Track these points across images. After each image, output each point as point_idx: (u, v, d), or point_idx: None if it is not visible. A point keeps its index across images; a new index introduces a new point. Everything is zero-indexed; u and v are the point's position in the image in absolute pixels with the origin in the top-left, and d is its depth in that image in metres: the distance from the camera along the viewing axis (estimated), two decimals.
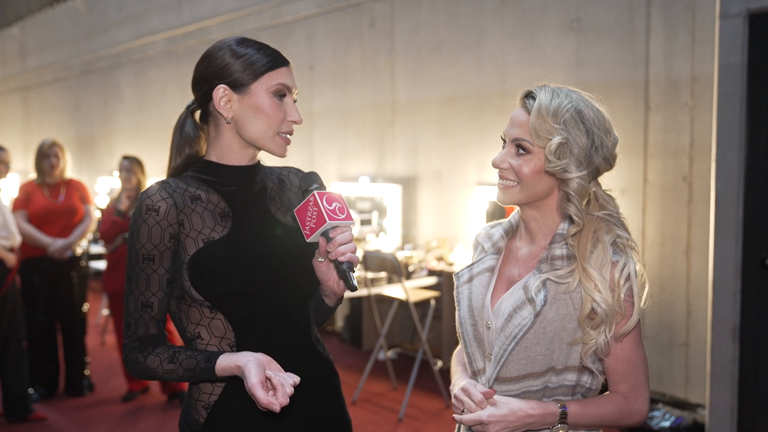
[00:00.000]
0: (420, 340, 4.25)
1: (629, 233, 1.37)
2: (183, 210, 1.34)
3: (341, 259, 1.31)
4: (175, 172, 1.43)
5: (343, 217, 1.32)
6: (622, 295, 1.29)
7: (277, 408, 1.18)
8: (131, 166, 4.39)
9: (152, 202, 1.32)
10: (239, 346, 1.36)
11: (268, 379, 1.21)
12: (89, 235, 4.98)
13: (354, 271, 1.33)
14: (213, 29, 6.91)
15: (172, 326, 3.60)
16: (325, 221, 1.30)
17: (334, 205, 1.32)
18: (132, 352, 1.35)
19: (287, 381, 1.21)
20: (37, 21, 10.33)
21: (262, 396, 1.18)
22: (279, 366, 1.25)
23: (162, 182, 1.37)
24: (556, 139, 1.29)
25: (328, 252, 1.32)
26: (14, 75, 11.21)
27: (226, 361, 1.27)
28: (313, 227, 1.32)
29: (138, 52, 8.19)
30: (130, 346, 1.36)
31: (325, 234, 1.32)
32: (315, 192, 1.33)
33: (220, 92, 1.35)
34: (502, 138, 1.41)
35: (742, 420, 3.23)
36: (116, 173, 4.52)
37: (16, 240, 3.96)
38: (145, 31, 7.99)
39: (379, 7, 5.48)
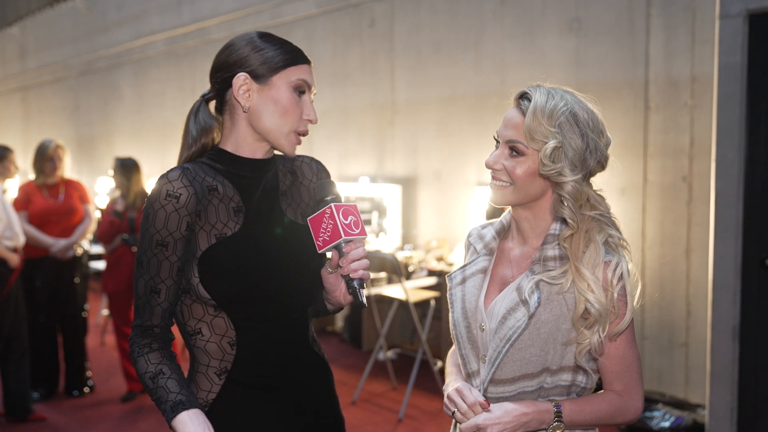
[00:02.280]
0: (420, 340, 4.25)
1: (620, 232, 1.37)
2: (201, 201, 1.33)
3: (353, 275, 1.31)
4: (190, 158, 1.40)
5: (357, 231, 1.31)
6: (615, 295, 1.30)
7: None
8: (114, 170, 4.38)
9: (173, 188, 1.30)
10: (239, 345, 1.36)
11: None
12: (89, 236, 4.98)
13: (364, 287, 1.33)
14: (213, 29, 6.91)
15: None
16: (340, 236, 1.28)
17: (349, 219, 1.30)
18: (134, 337, 1.36)
19: None
20: (37, 21, 10.33)
21: None
22: None
23: (182, 168, 1.34)
24: (551, 143, 1.29)
25: (340, 266, 1.31)
26: (14, 75, 11.21)
27: (181, 425, 1.25)
28: (327, 240, 1.30)
29: (138, 52, 8.19)
30: (135, 330, 1.36)
31: (338, 247, 1.31)
32: (332, 204, 1.30)
33: (241, 80, 1.33)
34: (495, 138, 1.40)
35: (742, 420, 3.23)
36: (111, 172, 4.51)
37: (20, 240, 3.96)
38: (144, 32, 7.99)
39: (378, 7, 5.48)
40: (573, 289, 1.30)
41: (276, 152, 1.47)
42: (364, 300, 1.31)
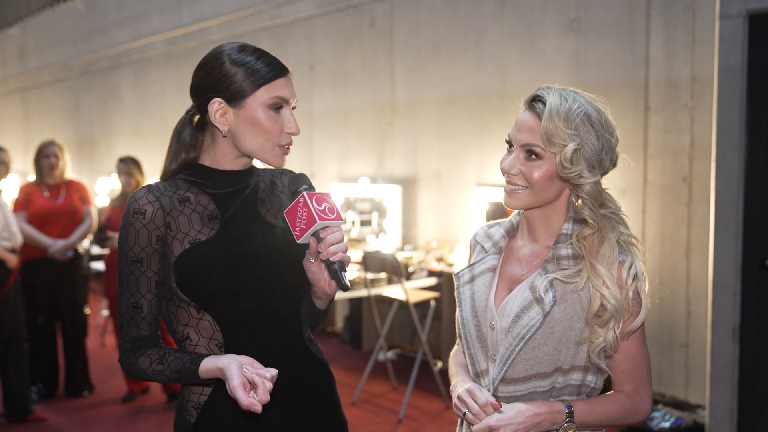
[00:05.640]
0: (420, 340, 4.25)
1: (630, 230, 1.37)
2: (170, 212, 1.35)
3: (332, 258, 1.31)
4: (168, 175, 1.42)
5: (333, 217, 1.32)
6: (630, 294, 1.30)
7: (258, 408, 1.18)
8: (128, 168, 4.41)
9: (139, 205, 1.33)
10: (228, 347, 1.36)
11: (249, 381, 1.21)
12: (89, 236, 4.97)
13: (346, 271, 1.33)
14: (213, 30, 6.92)
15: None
16: (315, 221, 1.30)
17: (323, 205, 1.32)
18: (126, 353, 1.37)
19: (266, 375, 1.21)
20: (37, 21, 10.33)
21: (243, 397, 1.18)
22: (261, 366, 1.25)
23: (150, 186, 1.38)
24: (571, 146, 1.28)
25: (319, 252, 1.32)
26: (14, 76, 11.21)
27: (210, 363, 1.27)
28: (304, 228, 1.32)
29: (138, 53, 8.19)
30: (124, 347, 1.38)
31: (315, 234, 1.32)
32: (304, 193, 1.32)
33: (215, 106, 1.34)
34: (507, 141, 1.39)
35: (742, 421, 3.23)
36: (114, 175, 4.53)
37: (18, 241, 3.95)
38: (144, 32, 7.99)
39: (378, 7, 5.48)
40: (587, 287, 1.31)
41: (256, 163, 1.48)
42: (347, 282, 1.31)
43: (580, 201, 1.34)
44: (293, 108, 1.39)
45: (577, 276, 1.32)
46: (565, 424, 1.31)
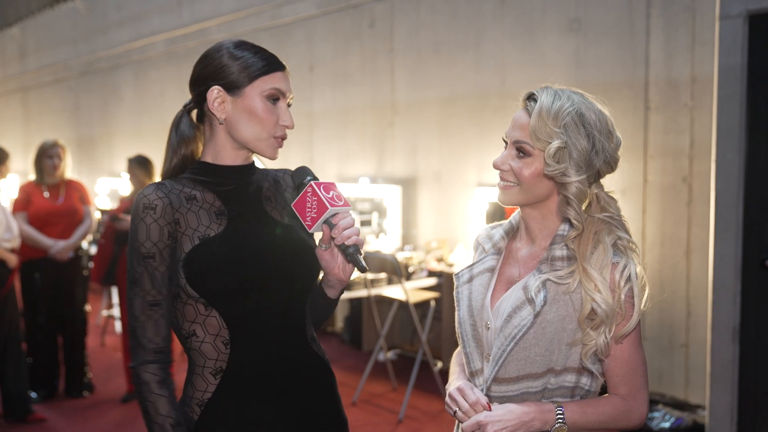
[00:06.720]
0: (420, 341, 4.25)
1: (630, 235, 1.37)
2: (179, 209, 1.36)
3: (348, 242, 1.33)
4: (171, 173, 1.44)
5: (342, 203, 1.35)
6: (623, 296, 1.29)
7: None
8: (131, 168, 4.45)
9: (149, 200, 1.34)
10: (233, 344, 1.36)
11: None
12: (89, 237, 4.97)
13: (361, 253, 1.35)
14: (213, 30, 6.92)
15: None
16: (327, 208, 1.32)
17: (331, 193, 1.35)
18: (151, 370, 1.33)
19: None
20: (37, 21, 10.33)
21: None
22: None
23: (158, 183, 1.39)
24: (555, 143, 1.29)
25: (333, 238, 1.34)
26: (14, 76, 11.21)
27: None
28: (315, 217, 1.34)
29: (138, 53, 8.19)
30: (146, 358, 1.33)
31: (327, 222, 1.34)
32: (312, 182, 1.35)
33: (215, 93, 1.37)
34: (503, 139, 1.40)
35: (742, 421, 3.23)
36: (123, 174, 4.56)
37: (17, 241, 3.96)
38: (144, 32, 8.00)
39: (378, 7, 5.48)
40: (580, 289, 1.30)
41: (256, 160, 1.50)
42: (364, 264, 1.34)
43: (566, 201, 1.33)
44: (289, 105, 1.42)
45: (570, 277, 1.31)
46: (557, 425, 1.30)
